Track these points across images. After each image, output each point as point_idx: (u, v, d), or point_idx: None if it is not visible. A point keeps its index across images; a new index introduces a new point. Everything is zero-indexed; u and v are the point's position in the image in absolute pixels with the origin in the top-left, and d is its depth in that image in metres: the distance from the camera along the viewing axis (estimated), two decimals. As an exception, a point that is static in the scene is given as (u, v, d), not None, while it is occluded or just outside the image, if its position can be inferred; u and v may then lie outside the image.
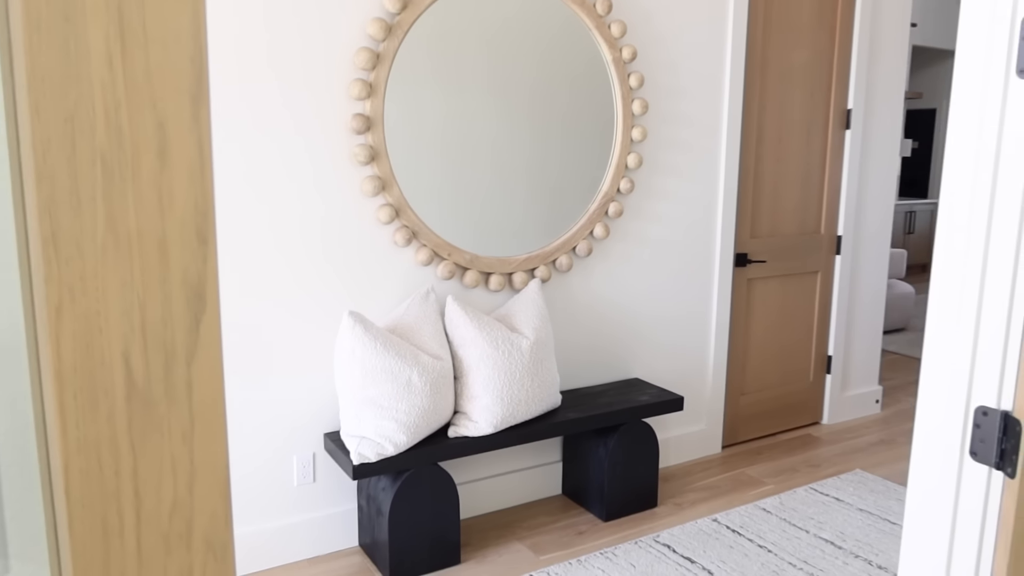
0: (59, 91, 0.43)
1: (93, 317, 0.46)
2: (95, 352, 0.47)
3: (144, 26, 0.46)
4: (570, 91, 2.83)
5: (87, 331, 0.46)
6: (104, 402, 0.47)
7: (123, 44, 0.45)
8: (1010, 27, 1.16)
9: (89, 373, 0.47)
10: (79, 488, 0.47)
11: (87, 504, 0.47)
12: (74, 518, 0.47)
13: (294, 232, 2.41)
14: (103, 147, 0.45)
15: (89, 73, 0.44)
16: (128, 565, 0.50)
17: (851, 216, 3.75)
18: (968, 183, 1.23)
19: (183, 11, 0.47)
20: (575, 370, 3.06)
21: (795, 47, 3.45)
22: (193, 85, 0.48)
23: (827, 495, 3.08)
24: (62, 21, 0.43)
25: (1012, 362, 1.19)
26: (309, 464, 2.55)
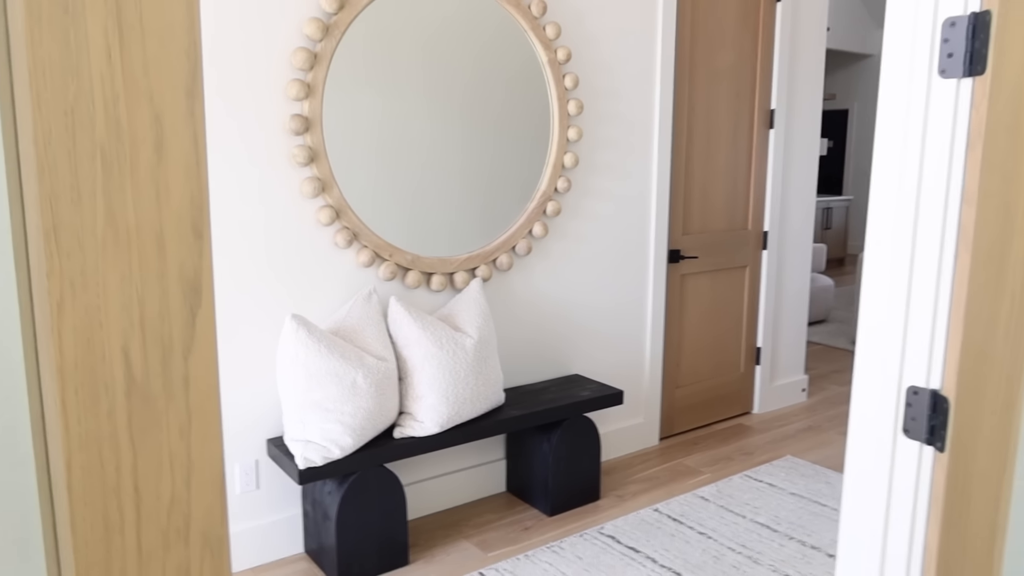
0: (60, 83, 0.43)
1: (94, 312, 0.46)
2: (96, 347, 0.46)
3: (141, 19, 0.46)
4: (508, 92, 2.86)
5: (88, 326, 0.46)
6: (105, 397, 0.47)
7: (121, 37, 0.45)
8: (931, 29, 1.24)
9: (90, 368, 0.46)
10: (81, 484, 0.47)
11: (89, 500, 0.47)
12: (76, 515, 0.47)
13: (234, 234, 2.36)
14: (102, 140, 0.45)
15: (89, 66, 0.44)
16: (129, 562, 0.50)
17: (776, 212, 3.90)
18: (895, 177, 1.31)
19: (178, 3, 0.47)
20: (517, 367, 3.09)
21: (721, 50, 3.57)
22: (188, 79, 0.48)
23: (761, 481, 3.19)
24: (62, 13, 0.43)
25: (939, 344, 1.27)
26: (252, 471, 2.50)
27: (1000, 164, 1.18)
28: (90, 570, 0.48)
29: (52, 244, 0.44)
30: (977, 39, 1.18)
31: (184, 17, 0.48)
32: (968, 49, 1.19)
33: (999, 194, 1.19)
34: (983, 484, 1.28)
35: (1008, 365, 1.25)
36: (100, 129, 0.45)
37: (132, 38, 0.46)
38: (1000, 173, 1.18)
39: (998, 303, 1.22)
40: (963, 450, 1.26)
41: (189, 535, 0.53)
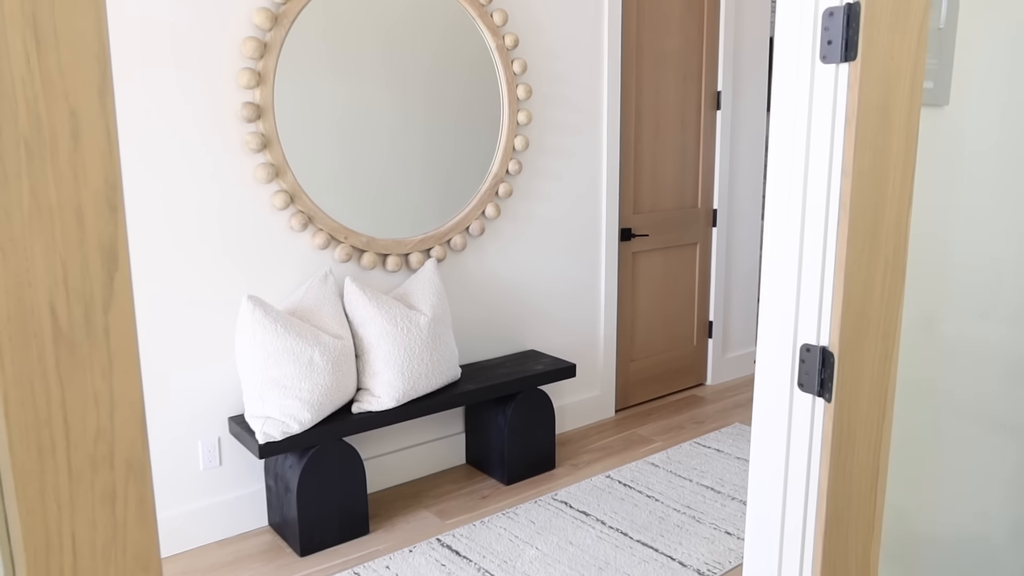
0: (-14, 86, 0.53)
1: (23, 273, 0.56)
2: (25, 302, 0.57)
3: (55, 30, 0.56)
4: (461, 78, 2.95)
5: (18, 284, 0.56)
6: (34, 344, 0.58)
7: (38, 45, 0.55)
8: (814, 18, 1.36)
9: (21, 320, 0.57)
10: (17, 414, 0.57)
11: (23, 428, 0.58)
12: (14, 440, 0.57)
13: (190, 220, 2.44)
14: (25, 132, 0.55)
15: (11, 71, 0.54)
16: (61, 481, 0.60)
17: (725, 191, 4.04)
18: (787, 154, 1.43)
19: (88, 16, 0.58)
20: (473, 344, 3.21)
21: (667, 34, 3.68)
22: (99, 79, 0.59)
23: (709, 447, 3.35)
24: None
25: (827, 306, 1.40)
26: (215, 448, 2.60)
27: (871, 141, 1.30)
28: (27, 485, 0.58)
29: (-15, 217, 0.54)
30: (851, 28, 1.30)
31: (93, 28, 0.58)
32: (844, 37, 1.31)
33: (871, 168, 1.32)
34: (866, 429, 1.43)
35: (884, 322, 1.39)
36: (23, 122, 0.55)
37: (47, 47, 0.56)
38: (872, 149, 1.31)
39: (873, 266, 1.35)
40: (847, 400, 1.40)
41: (114, 460, 0.63)
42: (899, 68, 1.31)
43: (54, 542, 0.60)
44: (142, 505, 0.65)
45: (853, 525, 1.50)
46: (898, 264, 1.37)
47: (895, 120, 1.33)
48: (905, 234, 1.37)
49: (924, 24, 1.32)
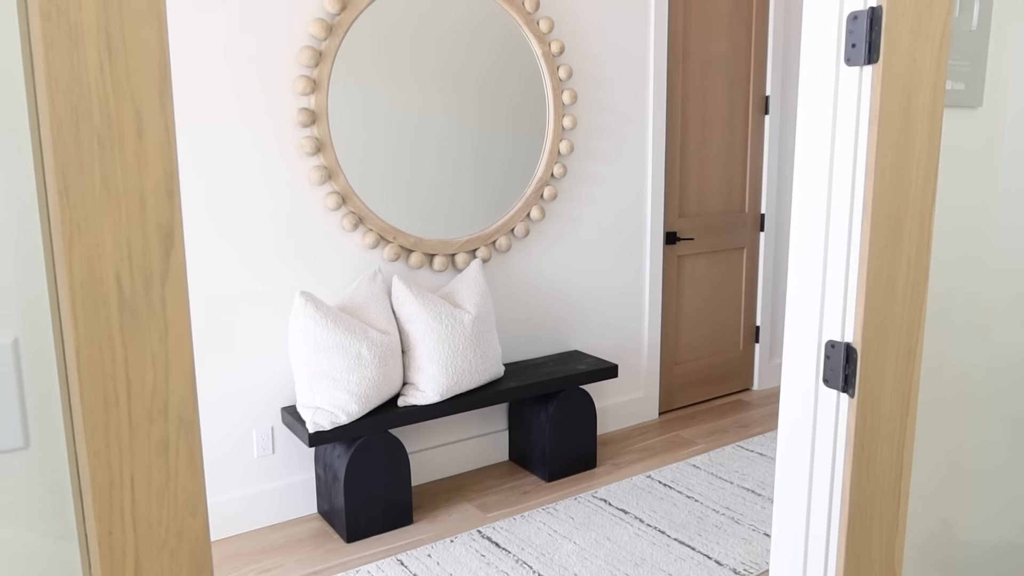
0: (67, 89, 0.63)
1: (94, 248, 0.66)
2: (96, 273, 0.66)
3: (124, 42, 0.65)
4: (508, 83, 3.04)
5: (90, 257, 0.66)
6: (103, 309, 0.67)
7: (110, 55, 0.65)
8: (838, 22, 1.40)
9: (92, 287, 0.66)
10: (87, 369, 0.67)
11: (92, 381, 0.67)
12: (84, 391, 0.67)
13: (248, 220, 2.58)
14: (98, 127, 0.65)
15: (87, 76, 0.64)
16: (122, 429, 0.70)
17: (773, 195, 4.03)
18: (813, 157, 1.47)
19: (151, 28, 0.67)
20: (517, 344, 3.28)
21: (715, 39, 3.70)
22: (160, 82, 0.68)
23: (752, 451, 3.35)
24: (67, 40, 0.62)
25: (851, 303, 1.43)
26: (268, 437, 2.73)
27: (894, 141, 1.34)
28: (94, 431, 0.68)
29: (64, 200, 0.64)
30: (874, 31, 1.34)
31: (156, 38, 0.67)
32: (867, 40, 1.35)
33: (893, 168, 1.35)
34: (889, 426, 1.45)
35: (908, 319, 1.41)
36: (96, 119, 0.64)
37: (117, 55, 0.65)
38: (894, 149, 1.34)
39: (896, 264, 1.38)
40: (870, 396, 1.43)
41: (168, 414, 0.72)
42: (921, 70, 1.34)
43: (116, 482, 0.70)
44: (191, 456, 0.74)
45: (877, 521, 1.53)
46: (921, 262, 1.40)
47: (918, 121, 1.36)
48: (928, 233, 1.40)
49: (947, 27, 1.34)
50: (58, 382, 0.70)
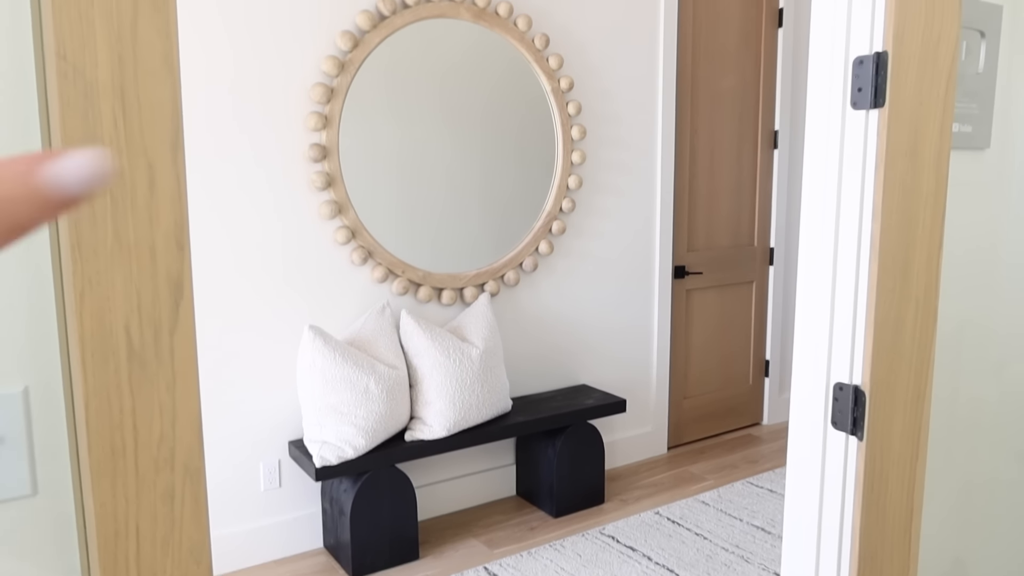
0: (81, 143, 0.64)
1: (105, 300, 0.67)
2: (106, 324, 0.67)
3: (138, 98, 0.67)
4: (517, 118, 3.07)
5: (100, 309, 0.67)
6: (112, 360, 0.68)
7: (124, 111, 0.66)
8: (844, 66, 1.41)
9: (102, 339, 0.67)
10: (95, 419, 0.67)
11: (100, 431, 0.68)
12: (92, 441, 0.67)
13: (257, 254, 2.60)
14: (111, 182, 0.66)
15: (101, 132, 0.65)
16: (129, 479, 0.70)
17: (782, 229, 4.04)
18: (820, 197, 1.48)
19: (165, 84, 0.68)
20: (524, 378, 3.27)
21: (723, 74, 3.74)
22: (172, 136, 0.69)
23: (762, 487, 3.32)
24: (83, 99, 0.64)
25: (859, 345, 1.43)
26: (275, 470, 2.72)
27: (900, 184, 1.34)
28: (101, 481, 0.68)
29: (76, 254, 0.65)
30: (879, 75, 1.35)
31: (169, 94, 0.69)
32: (873, 84, 1.36)
33: (900, 211, 1.35)
34: (899, 470, 1.44)
35: (916, 362, 1.41)
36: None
37: (131, 111, 0.67)
38: (900, 192, 1.35)
39: (904, 307, 1.38)
40: (879, 439, 1.42)
41: (174, 463, 0.73)
42: (928, 114, 1.35)
43: (121, 531, 0.70)
44: (196, 505, 0.74)
45: (888, 564, 1.50)
46: (929, 304, 1.39)
47: (924, 164, 1.36)
48: (936, 275, 1.40)
49: (952, 71, 1.36)
50: (66, 431, 0.70)
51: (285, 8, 2.56)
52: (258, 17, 2.52)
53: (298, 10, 2.58)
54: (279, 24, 2.55)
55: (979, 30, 1.58)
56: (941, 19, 1.36)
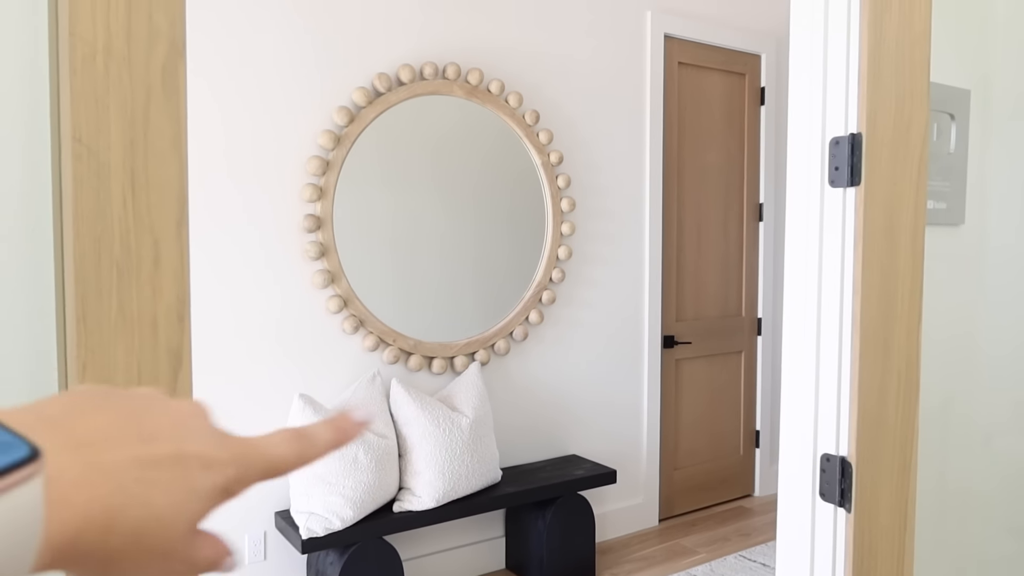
0: (91, 222, 0.67)
1: (107, 370, 0.69)
2: (106, 395, 0.69)
3: (147, 178, 0.70)
4: (507, 190, 3.14)
5: (103, 379, 0.68)
6: (110, 430, 0.69)
7: (133, 191, 0.70)
8: (821, 146, 1.47)
9: (101, 409, 0.69)
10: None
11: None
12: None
13: (252, 322, 2.62)
14: (118, 257, 0.69)
15: (111, 210, 0.68)
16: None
17: (769, 300, 4.09)
18: (802, 271, 1.52)
19: (173, 167, 0.72)
20: (514, 448, 3.26)
21: (708, 149, 3.85)
22: (178, 214, 0.72)
23: (754, 561, 3.27)
24: (95, 178, 0.67)
25: (844, 417, 1.45)
26: (260, 542, 2.67)
27: (878, 259, 1.39)
28: None
29: (81, 326, 0.67)
30: (855, 155, 1.41)
31: (176, 175, 0.72)
32: (849, 163, 1.42)
33: (879, 285, 1.39)
34: (887, 541, 1.44)
35: (901, 433, 1.43)
36: (116, 250, 0.69)
37: (140, 191, 0.70)
38: (879, 267, 1.39)
39: (887, 379, 1.40)
40: (867, 511, 1.42)
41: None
42: (902, 192, 1.40)
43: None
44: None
45: (881, 641, 1.49)
46: (911, 377, 1.42)
47: (901, 240, 1.41)
48: (916, 348, 1.43)
49: (924, 151, 1.42)
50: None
51: (285, 84, 2.64)
52: (259, 93, 2.60)
53: (297, 86, 2.67)
54: (276, 101, 2.64)
55: (949, 112, 1.66)
56: (911, 103, 1.43)
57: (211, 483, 0.31)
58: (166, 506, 0.30)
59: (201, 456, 0.31)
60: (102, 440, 0.29)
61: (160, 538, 0.29)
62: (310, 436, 0.36)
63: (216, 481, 0.32)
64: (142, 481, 0.29)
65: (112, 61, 0.68)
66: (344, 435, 0.37)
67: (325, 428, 0.36)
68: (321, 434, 0.36)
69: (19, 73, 0.69)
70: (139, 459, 0.29)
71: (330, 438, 0.36)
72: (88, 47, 0.67)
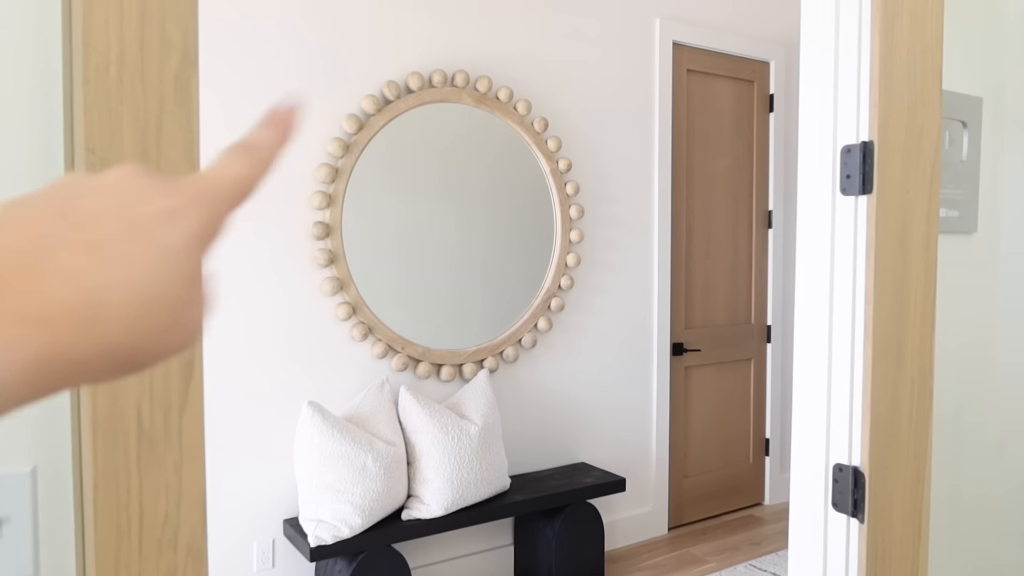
0: (105, 232, 0.67)
1: (116, 384, 0.69)
2: (118, 405, 0.69)
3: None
4: (516, 197, 3.14)
5: (113, 391, 0.68)
6: (122, 440, 0.69)
7: (146, 200, 0.70)
8: (832, 154, 1.47)
9: (114, 419, 0.69)
10: (103, 499, 0.68)
11: (107, 511, 0.68)
12: (98, 521, 0.68)
13: (261, 329, 2.62)
14: (130, 267, 0.69)
15: (124, 220, 0.68)
16: (132, 559, 0.70)
17: (778, 307, 4.07)
18: (814, 279, 1.51)
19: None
20: (523, 456, 3.25)
21: (717, 155, 3.84)
22: (190, 224, 0.73)
23: (764, 571, 3.25)
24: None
25: (857, 426, 1.44)
26: (268, 550, 2.67)
27: (890, 267, 1.38)
28: (105, 561, 0.68)
29: (93, 335, 0.67)
30: (867, 163, 1.40)
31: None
32: (861, 172, 1.41)
33: (892, 293, 1.38)
34: (901, 553, 1.42)
35: (915, 442, 1.41)
36: (129, 260, 0.69)
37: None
38: (891, 275, 1.38)
39: (900, 388, 1.39)
40: (880, 521, 1.41)
41: (177, 544, 0.73)
42: (915, 200, 1.40)
43: (122, 615, 0.70)
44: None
45: (895, 653, 1.47)
46: (925, 386, 1.41)
47: (913, 248, 1.40)
48: (930, 356, 1.41)
49: (936, 159, 1.41)
50: (72, 511, 0.71)
51: (296, 92, 2.65)
52: (265, 101, 2.61)
53: (306, 94, 2.67)
54: (288, 108, 2.64)
55: (961, 120, 1.65)
56: (923, 111, 1.42)
57: (181, 233, 0.29)
58: (147, 277, 0.27)
59: (156, 213, 0.28)
60: (38, 251, 0.26)
61: (160, 311, 0.27)
62: (254, 142, 0.33)
63: (186, 229, 0.29)
64: (109, 264, 0.26)
65: (125, 71, 0.68)
66: (284, 126, 0.34)
67: (264, 128, 0.34)
68: (263, 136, 0.33)
69: (32, 83, 0.70)
70: (89, 245, 0.26)
71: (273, 135, 0.34)
72: (101, 57, 0.67)
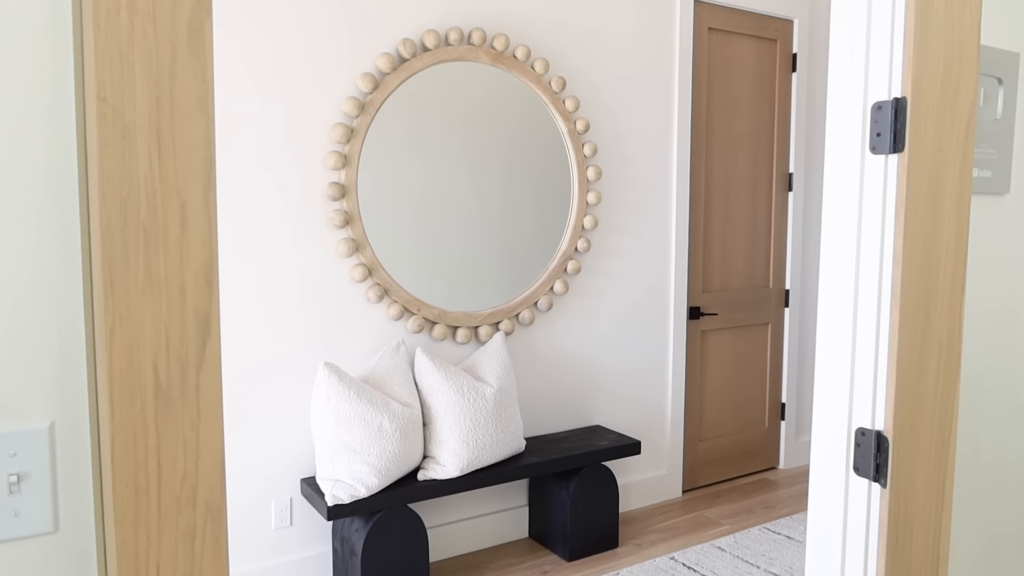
0: (117, 185, 0.65)
1: (134, 337, 0.67)
2: (134, 361, 0.67)
3: (173, 139, 0.68)
4: (533, 159, 3.10)
5: (129, 346, 0.67)
6: (139, 397, 0.68)
7: (160, 152, 0.68)
8: (863, 112, 1.42)
9: (130, 376, 0.67)
10: (121, 456, 0.67)
11: (125, 468, 0.68)
12: (116, 478, 0.67)
13: (276, 290, 2.62)
14: (144, 221, 0.67)
15: (137, 172, 0.66)
16: (151, 517, 0.70)
17: (797, 271, 4.02)
18: (840, 240, 1.47)
19: (199, 127, 0.70)
20: (538, 418, 3.25)
21: (738, 117, 3.77)
22: (205, 177, 0.70)
23: (779, 533, 3.25)
24: (121, 139, 0.65)
25: (881, 390, 1.41)
26: (286, 508, 2.70)
27: (921, 228, 1.34)
28: (124, 519, 0.68)
29: (109, 290, 0.65)
30: (898, 121, 1.36)
31: (203, 135, 0.70)
32: (892, 129, 1.37)
33: (921, 255, 1.35)
34: (924, 518, 1.41)
35: (940, 407, 1.39)
36: (143, 213, 0.67)
37: (166, 152, 0.68)
38: (921, 236, 1.34)
39: (927, 352, 1.36)
40: (903, 486, 1.39)
41: (196, 502, 0.72)
42: (947, 159, 1.35)
43: (142, 570, 0.69)
44: (217, 544, 0.73)
45: (913, 617, 1.47)
46: (952, 350, 1.38)
47: (945, 209, 1.36)
48: (959, 319, 1.38)
49: (972, 117, 1.36)
50: (90, 468, 0.70)
51: (307, 51, 2.61)
52: (280, 59, 2.57)
53: (320, 53, 2.63)
54: (301, 66, 2.61)
55: (997, 77, 1.59)
56: (959, 66, 1.37)
57: None
58: None
59: None
60: None
61: None
62: None
63: None
64: None
65: (136, 16, 0.66)
66: None
67: None
68: None
69: (41, 29, 0.67)
70: None
71: None
72: (112, 1, 0.65)
